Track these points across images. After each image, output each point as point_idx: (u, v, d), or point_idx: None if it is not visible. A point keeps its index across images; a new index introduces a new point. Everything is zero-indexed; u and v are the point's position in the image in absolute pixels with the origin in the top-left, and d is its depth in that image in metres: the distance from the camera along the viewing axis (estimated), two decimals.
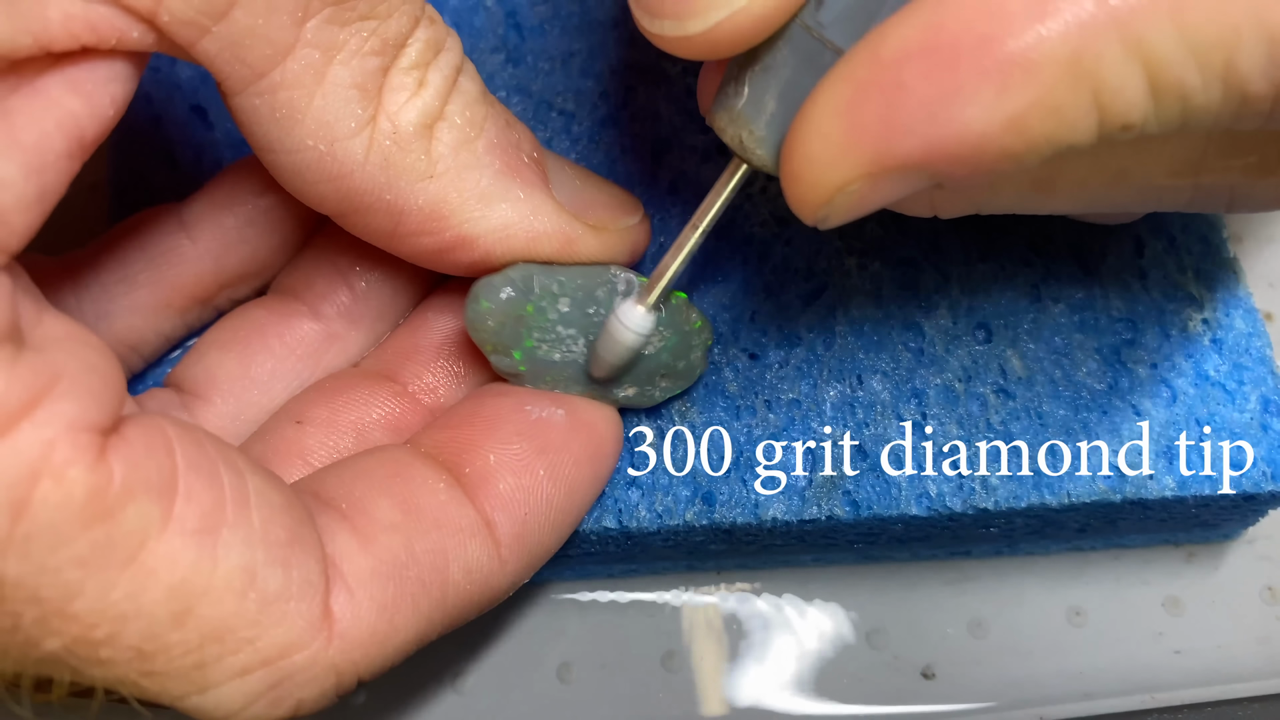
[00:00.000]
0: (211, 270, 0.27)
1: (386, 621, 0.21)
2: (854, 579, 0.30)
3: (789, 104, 0.20)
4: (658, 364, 0.25)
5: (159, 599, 0.18)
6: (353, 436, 0.25)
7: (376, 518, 0.22)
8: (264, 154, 0.22)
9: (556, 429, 0.24)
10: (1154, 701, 0.29)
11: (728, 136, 0.21)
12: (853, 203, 0.19)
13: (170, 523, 0.19)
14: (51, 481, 0.17)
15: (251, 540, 0.19)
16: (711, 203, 0.22)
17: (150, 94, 0.31)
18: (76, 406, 0.18)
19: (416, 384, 0.26)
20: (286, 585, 0.20)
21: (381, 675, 0.29)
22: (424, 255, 0.23)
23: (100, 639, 0.18)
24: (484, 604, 0.23)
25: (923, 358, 0.28)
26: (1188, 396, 0.27)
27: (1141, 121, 0.17)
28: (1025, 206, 0.23)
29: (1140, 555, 0.31)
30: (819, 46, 0.20)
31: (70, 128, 0.19)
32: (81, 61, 0.19)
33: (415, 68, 0.22)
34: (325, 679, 0.20)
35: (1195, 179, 0.21)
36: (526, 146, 0.24)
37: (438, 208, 0.23)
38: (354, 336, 0.27)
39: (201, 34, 0.20)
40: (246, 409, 0.26)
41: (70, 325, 0.19)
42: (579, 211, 0.24)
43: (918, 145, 0.17)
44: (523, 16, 0.32)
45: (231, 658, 0.19)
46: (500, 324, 0.24)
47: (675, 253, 0.23)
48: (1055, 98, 0.17)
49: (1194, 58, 0.17)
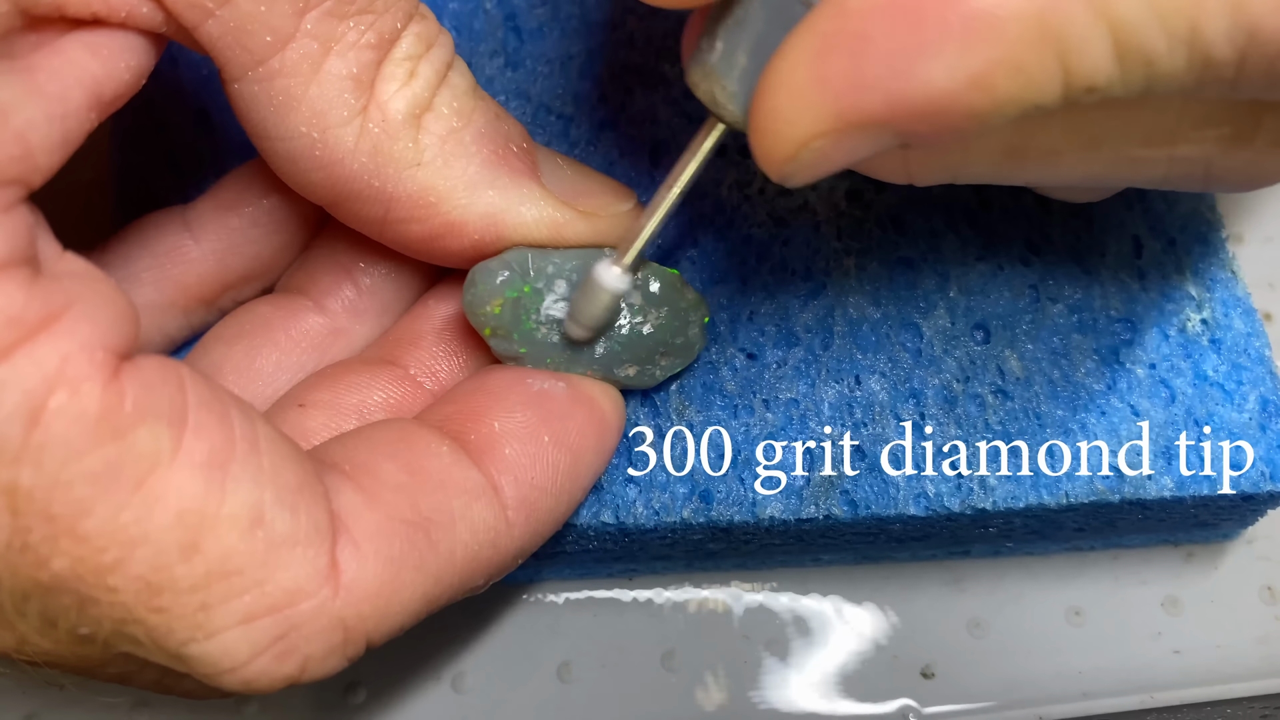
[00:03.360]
0: (216, 271, 0.27)
1: (393, 576, 0.21)
2: (854, 579, 0.30)
3: (760, 58, 0.20)
4: (655, 341, 0.25)
5: (167, 526, 0.18)
6: (355, 419, 0.25)
7: (382, 478, 0.22)
8: (259, 141, 0.23)
9: (559, 399, 0.24)
10: (1153, 701, 0.29)
11: (700, 92, 0.21)
12: (817, 159, 0.19)
13: (179, 452, 0.19)
14: (66, 393, 0.18)
15: (261, 480, 0.19)
16: (686, 162, 0.22)
17: (153, 98, 0.31)
18: (93, 327, 0.18)
19: (418, 369, 0.26)
20: (294, 529, 0.20)
21: (378, 674, 0.29)
22: (415, 243, 0.24)
23: (108, 564, 0.18)
24: (493, 568, 0.23)
25: (921, 358, 0.28)
26: (1186, 397, 0.27)
27: (1106, 84, 0.17)
28: (999, 176, 0.23)
29: (1139, 555, 0.31)
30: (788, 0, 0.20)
31: (89, 84, 0.20)
32: (97, 29, 0.20)
33: (407, 59, 0.23)
34: (332, 633, 0.20)
35: (1170, 150, 0.21)
36: (515, 138, 0.24)
37: (425, 195, 0.23)
38: (359, 331, 0.27)
39: (205, 16, 0.20)
40: (251, 400, 0.26)
41: (88, 265, 0.20)
42: (569, 199, 0.24)
43: (881, 101, 0.17)
44: (522, 20, 0.32)
45: (237, 600, 0.19)
46: (498, 307, 0.24)
47: (651, 212, 0.23)
48: (1020, 57, 0.17)
49: (1159, 21, 0.16)
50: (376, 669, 0.30)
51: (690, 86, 0.21)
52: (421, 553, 0.21)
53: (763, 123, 0.19)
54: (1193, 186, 0.23)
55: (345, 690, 0.29)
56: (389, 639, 0.21)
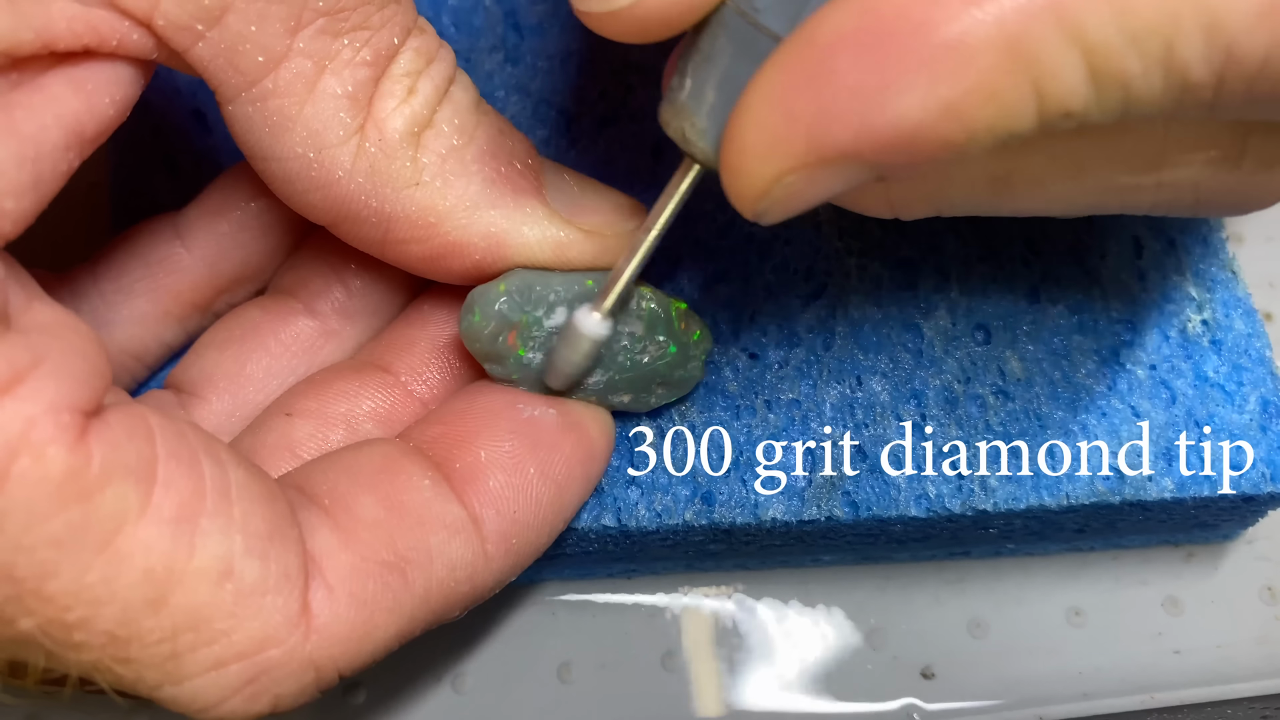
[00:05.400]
0: (207, 276, 0.27)
1: (366, 618, 0.21)
2: (854, 579, 0.30)
3: (728, 94, 0.20)
4: (654, 373, 0.25)
5: (134, 584, 0.18)
6: (343, 428, 0.25)
7: (359, 514, 0.22)
8: (256, 162, 0.22)
9: (548, 428, 0.24)
10: (1153, 701, 0.29)
11: (671, 130, 0.21)
12: (790, 195, 0.18)
13: (148, 509, 0.19)
14: (30, 458, 0.17)
15: (230, 531, 0.19)
16: (663, 205, 0.22)
17: (150, 100, 0.31)
18: (59, 387, 0.18)
19: (409, 376, 0.26)
20: (264, 578, 0.20)
21: (378, 674, 0.29)
22: (416, 263, 0.23)
23: (74, 621, 0.18)
24: (469, 601, 0.23)
25: (922, 359, 0.28)
26: (1187, 397, 0.27)
27: (1083, 109, 0.17)
28: (985, 207, 0.22)
29: (1140, 555, 0.31)
30: (754, 33, 0.19)
31: (69, 122, 0.19)
32: (84, 62, 0.20)
33: (406, 76, 0.22)
34: (304, 675, 0.20)
35: (1156, 175, 0.21)
36: (520, 154, 0.24)
37: (424, 215, 0.22)
38: (350, 332, 0.27)
39: (195, 40, 0.20)
40: (242, 406, 0.26)
41: (60, 313, 0.19)
42: (574, 217, 0.24)
43: (851, 135, 0.17)
44: (522, 16, 0.32)
45: (206, 649, 0.19)
46: (495, 335, 0.24)
47: (629, 256, 0.23)
48: (992, 84, 0.16)
49: (1133, 44, 0.16)
50: (376, 669, 0.29)
51: (662, 125, 0.21)
52: (396, 593, 0.21)
53: (733, 160, 0.18)
54: (1183, 212, 0.22)
55: (345, 691, 0.29)
56: (364, 670, 0.22)
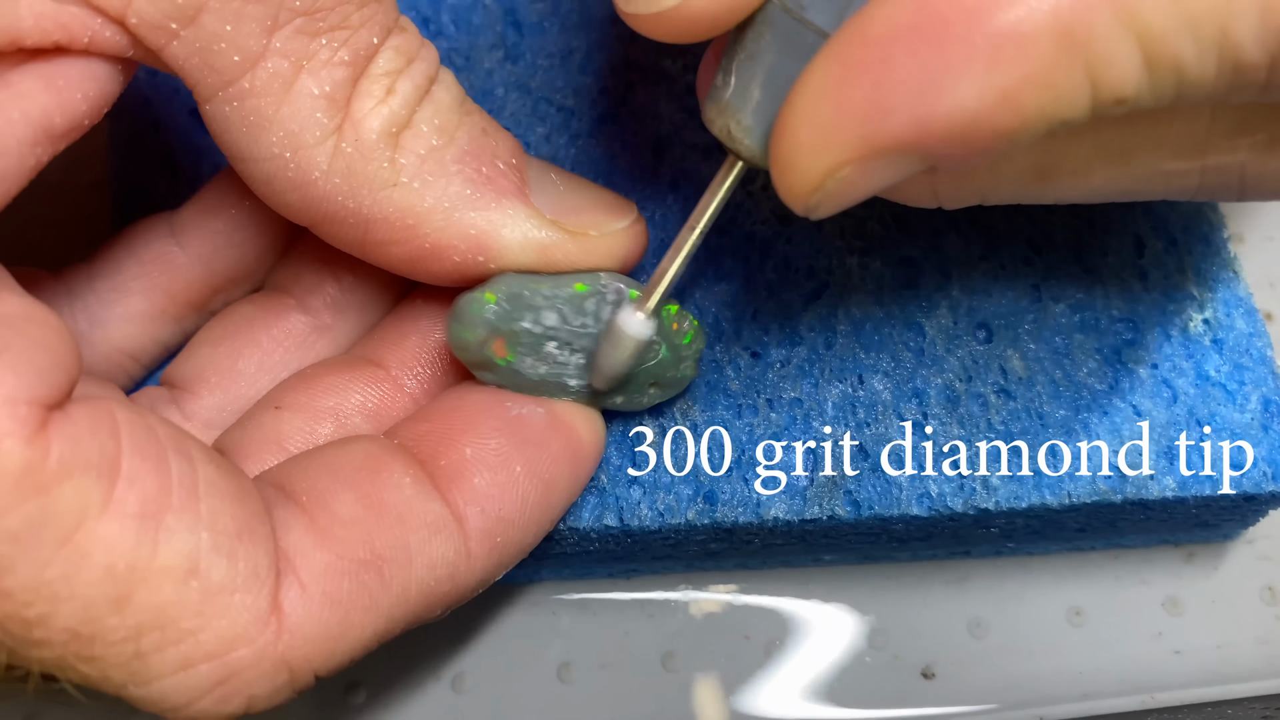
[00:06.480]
0: (202, 275, 0.27)
1: (341, 617, 0.21)
2: (854, 579, 0.30)
3: (774, 91, 0.20)
4: (648, 374, 0.25)
5: (95, 581, 0.18)
6: (331, 423, 0.25)
7: (336, 512, 0.21)
8: (235, 162, 0.22)
9: (536, 426, 0.24)
10: (1154, 702, 0.29)
11: (716, 128, 0.21)
12: (843, 189, 0.18)
13: (110, 505, 0.18)
14: None
15: (196, 528, 0.19)
16: (708, 202, 0.22)
17: (149, 98, 0.30)
18: (17, 379, 0.18)
19: (401, 370, 0.26)
20: (231, 576, 0.19)
21: (378, 674, 0.29)
22: (398, 264, 0.23)
23: (33, 618, 0.18)
24: (452, 600, 0.23)
25: (924, 357, 0.28)
26: (1188, 396, 0.27)
27: (1135, 94, 0.17)
28: (1030, 195, 0.22)
29: (1140, 555, 0.31)
30: (801, 29, 0.19)
31: (37, 118, 0.19)
32: (56, 58, 0.19)
33: (384, 76, 0.22)
34: (276, 675, 0.20)
35: (1202, 160, 0.21)
36: (504, 154, 0.23)
37: (403, 217, 0.22)
38: (342, 328, 0.27)
39: (170, 38, 0.20)
40: (233, 401, 0.26)
41: (28, 305, 0.19)
42: (560, 217, 0.24)
43: (907, 125, 0.17)
44: (521, 14, 0.31)
45: (173, 648, 0.19)
46: (483, 344, 0.23)
47: (673, 255, 0.23)
48: (1047, 72, 0.16)
49: (1188, 27, 0.16)
50: (376, 669, 0.29)
51: (706, 124, 0.21)
52: (372, 592, 0.21)
53: (785, 155, 0.18)
54: (1228, 197, 0.22)
55: (345, 690, 0.29)
56: (340, 671, 0.21)
